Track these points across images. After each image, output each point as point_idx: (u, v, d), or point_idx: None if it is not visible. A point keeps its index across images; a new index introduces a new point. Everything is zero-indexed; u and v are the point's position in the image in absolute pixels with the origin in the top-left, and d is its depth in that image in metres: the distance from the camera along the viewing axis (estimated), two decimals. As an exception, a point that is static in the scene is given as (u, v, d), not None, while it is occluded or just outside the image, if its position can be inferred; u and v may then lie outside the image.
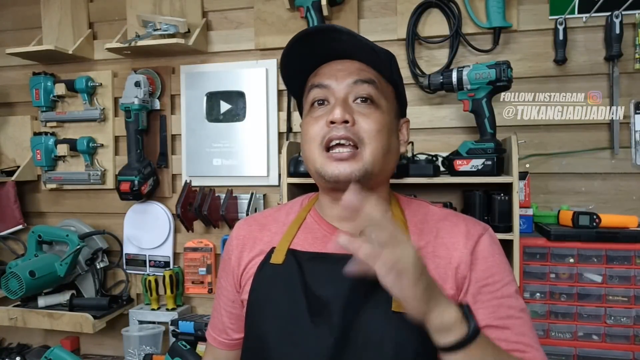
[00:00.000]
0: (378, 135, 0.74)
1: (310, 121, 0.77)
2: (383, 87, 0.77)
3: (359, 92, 0.75)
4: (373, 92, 0.75)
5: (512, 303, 0.74)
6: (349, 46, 0.75)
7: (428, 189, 1.58)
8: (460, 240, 0.76)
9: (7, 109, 2.14)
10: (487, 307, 0.73)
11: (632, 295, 1.36)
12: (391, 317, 0.69)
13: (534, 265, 1.42)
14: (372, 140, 0.73)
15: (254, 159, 1.83)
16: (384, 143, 0.75)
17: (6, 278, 1.66)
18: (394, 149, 0.79)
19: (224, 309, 0.89)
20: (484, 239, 0.77)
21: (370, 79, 0.75)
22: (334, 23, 1.75)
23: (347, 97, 0.75)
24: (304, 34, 0.75)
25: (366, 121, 0.74)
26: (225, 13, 1.90)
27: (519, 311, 0.74)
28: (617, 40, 1.51)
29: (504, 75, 1.36)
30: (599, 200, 1.59)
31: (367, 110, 0.74)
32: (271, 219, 0.89)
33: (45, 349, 1.83)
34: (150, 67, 1.94)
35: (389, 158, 0.78)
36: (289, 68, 0.81)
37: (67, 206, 2.06)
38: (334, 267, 0.75)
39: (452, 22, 1.64)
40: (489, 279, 0.74)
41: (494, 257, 0.76)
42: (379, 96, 0.76)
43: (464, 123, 1.65)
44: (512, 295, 0.75)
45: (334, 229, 0.80)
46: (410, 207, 0.83)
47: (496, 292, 0.74)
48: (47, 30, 2.03)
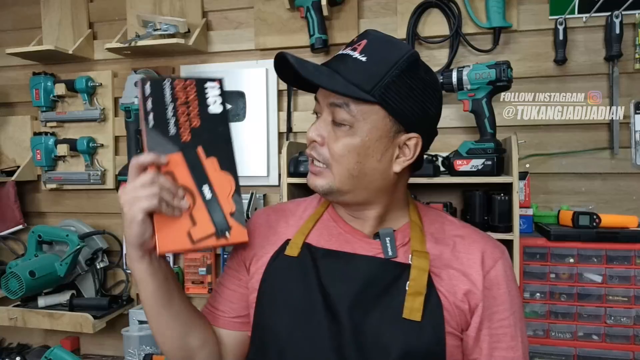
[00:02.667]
0: (342, 159, 0.74)
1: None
2: (361, 109, 0.73)
3: (334, 114, 0.75)
4: (344, 115, 0.73)
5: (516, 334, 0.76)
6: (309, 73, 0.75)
7: (428, 189, 1.58)
8: (476, 258, 0.77)
9: (7, 109, 2.14)
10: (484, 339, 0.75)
11: (632, 295, 1.36)
12: (401, 324, 0.70)
13: (534, 265, 1.42)
14: (337, 162, 0.74)
15: (254, 159, 1.83)
16: (349, 167, 0.74)
17: (6, 278, 1.66)
18: (370, 171, 0.75)
19: (227, 286, 0.88)
20: (500, 264, 0.78)
21: (341, 103, 0.73)
22: (334, 23, 1.75)
23: (329, 115, 0.76)
24: (275, 62, 0.76)
25: (334, 144, 0.74)
26: (225, 13, 1.90)
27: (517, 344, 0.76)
28: (617, 40, 1.51)
29: (504, 75, 1.36)
30: (599, 200, 1.59)
31: (339, 133, 0.74)
32: (289, 212, 0.90)
33: (45, 349, 1.83)
34: (150, 67, 1.93)
35: (362, 180, 0.75)
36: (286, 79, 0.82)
37: (67, 206, 2.06)
38: (347, 266, 0.76)
39: (452, 22, 1.64)
40: (493, 308, 0.76)
41: (507, 286, 0.77)
42: (353, 120, 0.73)
43: (464, 123, 1.65)
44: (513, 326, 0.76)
45: (349, 227, 0.81)
46: (428, 215, 0.84)
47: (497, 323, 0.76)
48: (47, 30, 2.03)
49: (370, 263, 0.76)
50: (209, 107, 0.76)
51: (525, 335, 0.78)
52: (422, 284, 0.72)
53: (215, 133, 0.76)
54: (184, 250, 0.74)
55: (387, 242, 0.76)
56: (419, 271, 0.73)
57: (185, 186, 0.72)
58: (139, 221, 0.67)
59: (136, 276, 0.74)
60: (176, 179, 0.72)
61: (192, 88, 0.76)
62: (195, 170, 0.73)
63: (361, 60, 0.72)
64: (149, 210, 0.67)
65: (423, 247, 0.76)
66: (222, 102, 0.77)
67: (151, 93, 0.73)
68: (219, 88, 0.77)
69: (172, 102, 0.74)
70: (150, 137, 0.72)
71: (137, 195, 0.67)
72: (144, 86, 0.73)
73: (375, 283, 0.74)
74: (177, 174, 0.72)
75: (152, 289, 0.74)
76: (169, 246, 0.71)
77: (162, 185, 0.69)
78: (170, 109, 0.74)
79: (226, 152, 0.76)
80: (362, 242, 0.79)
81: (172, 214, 0.70)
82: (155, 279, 0.73)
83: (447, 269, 0.76)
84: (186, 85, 0.75)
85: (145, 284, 0.74)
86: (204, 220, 0.72)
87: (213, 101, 0.77)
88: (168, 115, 0.74)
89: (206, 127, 0.75)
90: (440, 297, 0.73)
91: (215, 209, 0.73)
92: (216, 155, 0.75)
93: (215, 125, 0.76)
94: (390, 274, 0.74)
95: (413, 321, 0.70)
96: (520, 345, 0.76)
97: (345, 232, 0.81)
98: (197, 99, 0.76)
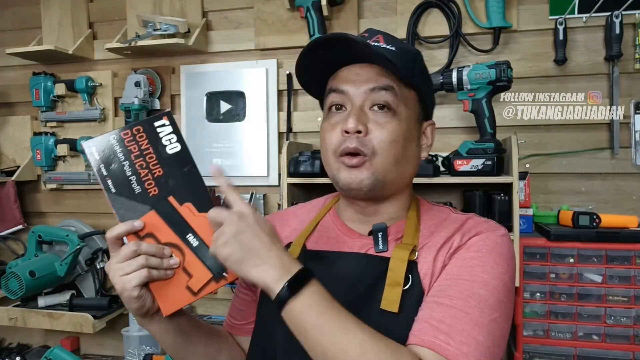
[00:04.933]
0: (391, 146, 0.73)
1: (327, 127, 0.77)
2: (403, 92, 0.74)
3: (376, 100, 0.73)
4: (391, 99, 0.73)
5: (461, 293, 0.65)
6: (366, 51, 0.73)
7: (428, 189, 1.58)
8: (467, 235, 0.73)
9: (7, 109, 2.14)
10: (438, 284, 0.68)
11: (632, 295, 1.36)
12: (379, 315, 0.68)
13: (534, 265, 1.42)
14: (384, 150, 0.72)
15: (254, 159, 1.83)
16: (397, 153, 0.73)
17: (6, 278, 1.66)
18: (410, 157, 0.77)
19: (239, 295, 0.91)
20: (482, 235, 0.72)
21: (388, 86, 0.73)
22: (334, 23, 1.75)
23: (364, 104, 0.74)
24: (318, 41, 0.73)
25: (380, 131, 0.72)
26: (225, 13, 1.90)
27: (461, 302, 0.64)
28: (617, 40, 1.51)
29: (504, 75, 1.36)
30: (599, 200, 1.59)
31: (383, 120, 0.73)
32: (292, 215, 0.90)
33: (45, 349, 1.83)
34: (150, 67, 1.94)
35: (404, 166, 0.76)
36: (306, 71, 0.80)
37: (67, 206, 2.06)
38: (335, 266, 0.75)
39: (452, 22, 1.64)
40: (459, 262, 0.69)
41: (478, 251, 0.70)
42: (398, 103, 0.74)
43: (464, 123, 1.65)
44: (470, 290, 0.65)
45: (348, 230, 0.80)
46: (431, 212, 0.82)
47: (455, 275, 0.68)
48: (47, 30, 2.03)
49: (358, 260, 0.75)
50: (166, 148, 0.70)
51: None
52: (399, 274, 0.69)
53: (181, 175, 0.70)
54: (188, 304, 0.72)
55: (379, 236, 0.75)
56: (397, 261, 0.70)
57: (169, 242, 0.69)
58: (135, 298, 0.67)
59: (151, 334, 0.76)
60: (158, 238, 0.69)
61: (142, 134, 0.69)
62: (174, 222, 0.69)
63: (392, 49, 0.75)
64: (141, 284, 0.66)
65: (414, 240, 0.74)
66: (177, 138, 0.70)
67: (101, 156, 0.68)
68: (169, 124, 0.70)
69: (126, 159, 0.68)
70: (117, 204, 0.68)
71: (124, 272, 0.65)
72: (90, 151, 0.68)
73: (364, 279, 0.72)
74: (158, 233, 0.69)
75: (170, 341, 0.77)
76: (172, 307, 0.70)
77: (147, 252, 0.66)
78: (127, 167, 0.68)
79: (199, 192, 0.70)
80: (355, 241, 0.78)
81: (166, 276, 0.69)
82: (170, 334, 0.76)
83: (433, 250, 0.72)
84: (134, 134, 0.69)
85: (161, 339, 0.76)
86: (199, 269, 0.70)
87: (168, 141, 0.70)
88: (127, 175, 0.68)
89: (170, 173, 0.70)
90: (423, 283, 0.69)
91: (206, 253, 0.69)
92: (190, 200, 0.70)
93: (178, 166, 0.70)
94: (377, 268, 0.72)
95: (391, 313, 0.68)
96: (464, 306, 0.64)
97: (342, 234, 0.80)
98: (151, 145, 0.69)
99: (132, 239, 0.68)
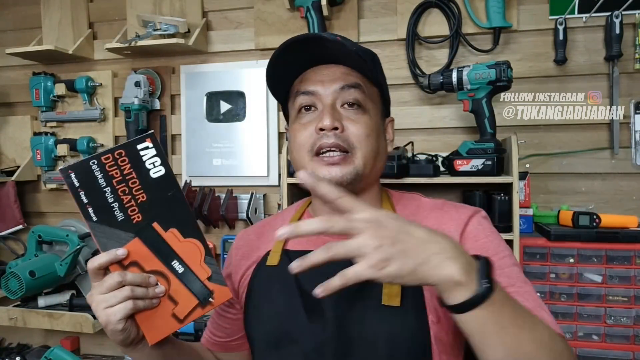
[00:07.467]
0: (367, 140, 0.75)
1: (298, 127, 0.78)
2: (369, 90, 0.78)
3: (346, 98, 0.75)
4: (360, 96, 0.76)
5: (512, 274, 0.70)
6: (335, 52, 0.75)
7: (428, 189, 1.58)
8: (450, 226, 0.76)
9: (7, 109, 2.14)
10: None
11: (632, 295, 1.36)
12: (383, 311, 0.69)
13: (534, 265, 1.42)
14: (362, 144, 0.75)
15: (254, 159, 1.83)
16: (373, 146, 0.76)
17: (6, 278, 1.66)
18: (382, 150, 0.80)
19: (221, 312, 0.91)
20: (473, 220, 0.77)
21: (356, 84, 0.76)
22: (334, 23, 1.75)
23: (335, 103, 0.75)
24: (293, 41, 0.74)
25: (355, 126, 0.74)
26: (225, 13, 1.90)
27: (521, 282, 0.70)
28: (617, 40, 1.51)
29: (504, 75, 1.36)
30: (599, 200, 1.59)
31: (355, 116, 0.75)
32: (268, 227, 0.90)
33: (45, 349, 1.83)
34: (150, 67, 1.94)
35: (378, 160, 0.79)
36: (275, 74, 0.80)
37: (67, 206, 2.06)
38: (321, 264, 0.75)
39: (452, 22, 1.64)
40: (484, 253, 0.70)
41: (486, 236, 0.75)
42: (366, 100, 0.77)
43: (464, 123, 1.65)
44: (510, 266, 0.71)
45: None
46: (402, 201, 0.84)
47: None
48: (47, 30, 2.03)
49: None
50: (149, 172, 0.66)
51: (524, 277, 0.72)
52: None
53: (165, 200, 0.67)
54: (174, 331, 0.70)
55: None
56: None
57: (154, 270, 0.67)
58: (119, 331, 0.64)
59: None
60: (143, 267, 0.67)
61: (124, 158, 0.65)
62: (159, 249, 0.67)
63: (355, 49, 0.74)
64: (127, 317, 0.64)
65: None
66: (161, 161, 0.67)
67: (81, 183, 0.65)
68: (153, 147, 0.66)
69: (108, 185, 0.65)
70: (98, 233, 0.65)
71: (109, 304, 0.63)
72: (69, 177, 0.64)
73: None
74: (142, 261, 0.67)
75: None
76: (158, 336, 0.68)
77: (132, 282, 0.64)
78: (109, 194, 0.65)
79: (184, 217, 0.68)
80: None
81: (152, 305, 0.67)
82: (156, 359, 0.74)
83: None
84: (116, 158, 0.65)
85: None
86: (184, 296, 0.68)
87: (152, 164, 0.66)
88: (109, 202, 0.65)
89: (154, 198, 0.67)
90: None
91: (191, 279, 0.68)
92: (174, 225, 0.67)
93: (162, 191, 0.67)
94: None
95: (393, 307, 0.68)
96: (523, 284, 0.70)
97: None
98: (134, 169, 0.66)
99: (115, 269, 0.65)
